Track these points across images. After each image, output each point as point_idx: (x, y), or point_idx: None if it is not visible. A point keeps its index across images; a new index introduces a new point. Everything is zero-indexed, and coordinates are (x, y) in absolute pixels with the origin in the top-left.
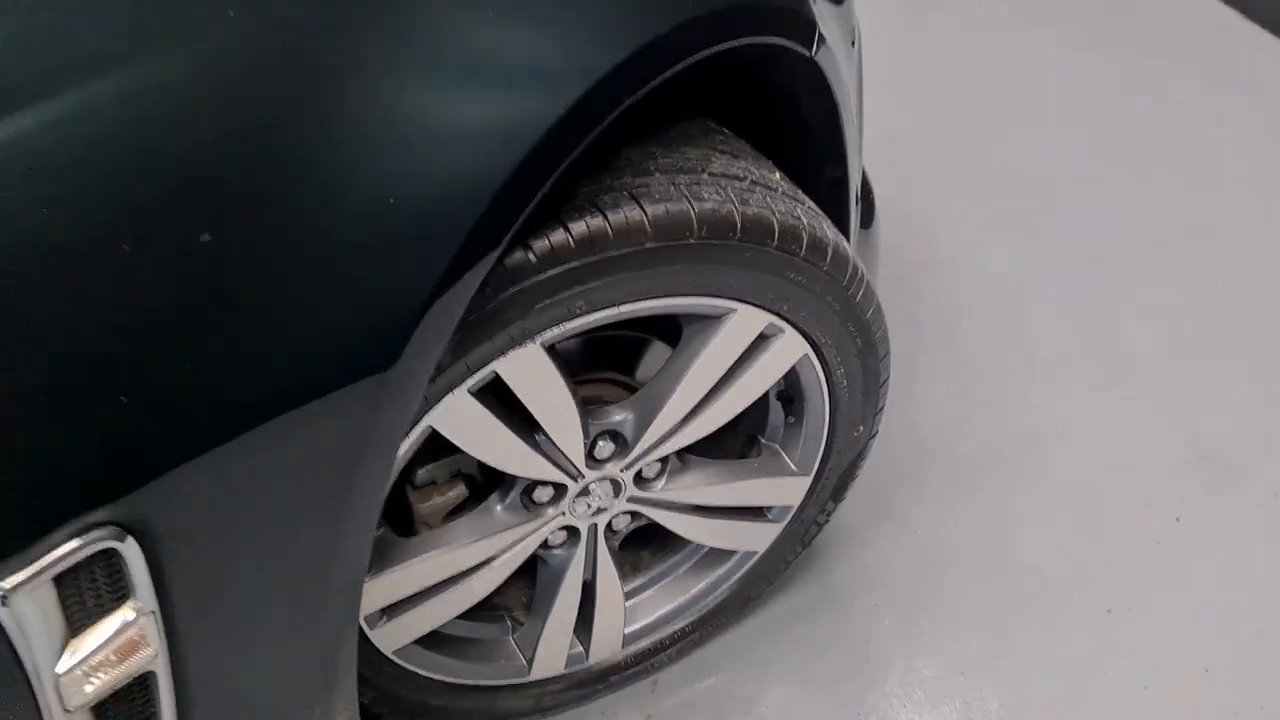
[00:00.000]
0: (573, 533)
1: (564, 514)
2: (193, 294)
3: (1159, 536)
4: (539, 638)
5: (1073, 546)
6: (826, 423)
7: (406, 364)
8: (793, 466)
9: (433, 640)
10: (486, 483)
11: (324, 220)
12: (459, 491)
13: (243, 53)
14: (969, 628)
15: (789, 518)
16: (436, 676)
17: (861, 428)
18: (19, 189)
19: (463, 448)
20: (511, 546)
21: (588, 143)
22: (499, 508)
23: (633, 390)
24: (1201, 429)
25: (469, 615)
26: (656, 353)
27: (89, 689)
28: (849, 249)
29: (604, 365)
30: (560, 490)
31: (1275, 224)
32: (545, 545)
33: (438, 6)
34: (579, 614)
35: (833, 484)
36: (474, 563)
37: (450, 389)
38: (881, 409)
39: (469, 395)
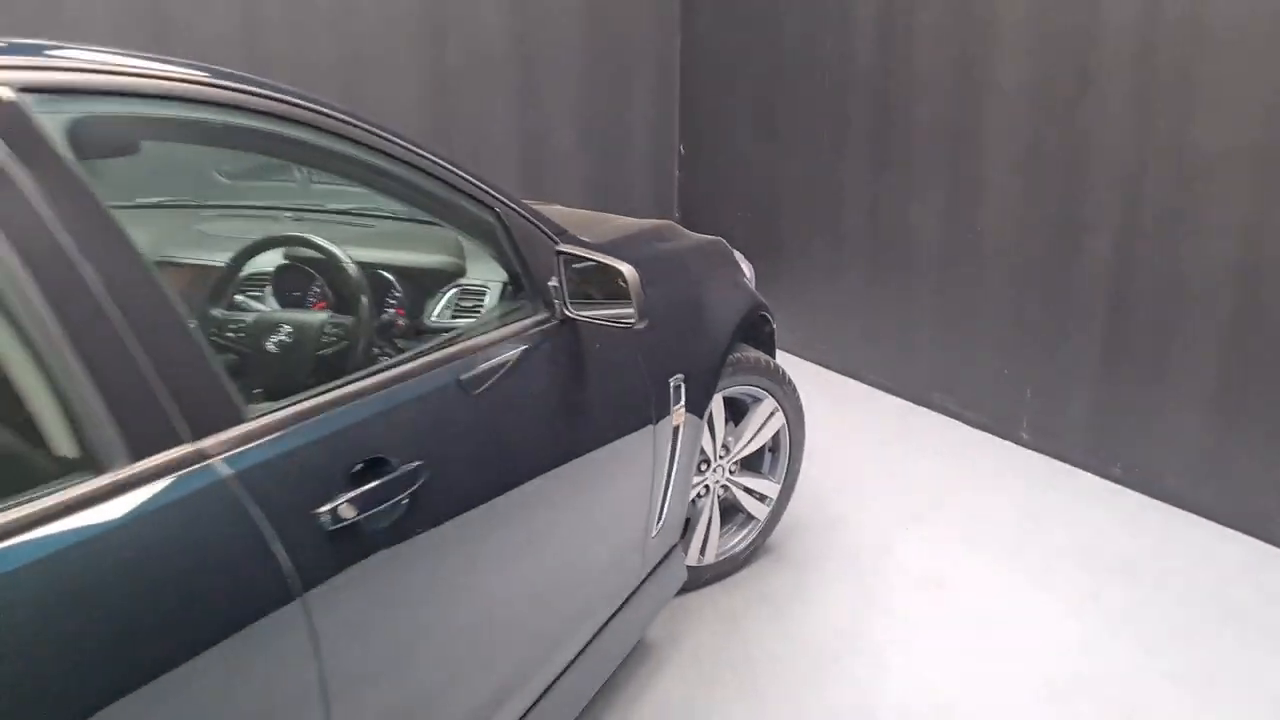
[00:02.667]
0: (706, 490)
1: (706, 478)
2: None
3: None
4: (690, 543)
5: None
6: (787, 456)
7: (713, 392)
8: (773, 479)
9: None
10: None
11: (707, 334)
12: None
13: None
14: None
15: (772, 504)
16: None
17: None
18: None
19: None
20: (694, 486)
21: (738, 337)
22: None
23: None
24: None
25: None
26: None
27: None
28: (794, 383)
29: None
30: (707, 465)
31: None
32: (698, 495)
33: (710, 288)
34: (704, 538)
35: (788, 490)
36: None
37: None
38: (801, 457)
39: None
